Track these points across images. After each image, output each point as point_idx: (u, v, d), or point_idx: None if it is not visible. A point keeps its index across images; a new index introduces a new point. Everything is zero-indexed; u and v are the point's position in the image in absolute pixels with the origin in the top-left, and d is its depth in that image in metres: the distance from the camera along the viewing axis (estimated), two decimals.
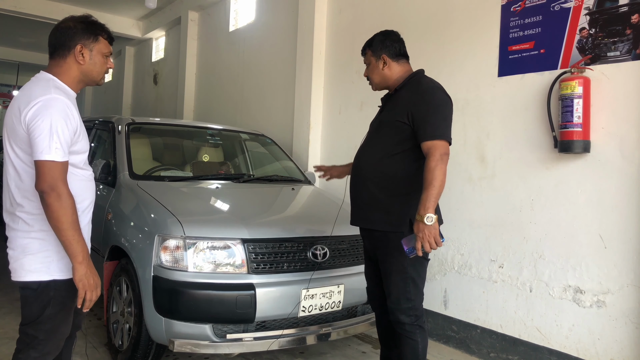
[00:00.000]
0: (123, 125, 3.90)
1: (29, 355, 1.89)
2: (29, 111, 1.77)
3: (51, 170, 1.75)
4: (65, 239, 1.77)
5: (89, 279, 1.82)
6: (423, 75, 2.51)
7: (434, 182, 2.16)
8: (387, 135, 2.42)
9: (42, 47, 12.31)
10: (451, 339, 3.73)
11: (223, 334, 2.71)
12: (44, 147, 1.74)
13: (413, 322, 2.38)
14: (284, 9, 5.88)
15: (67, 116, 1.82)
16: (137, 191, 3.29)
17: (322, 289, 2.93)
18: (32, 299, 1.89)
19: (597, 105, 2.95)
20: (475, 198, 3.60)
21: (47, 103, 1.78)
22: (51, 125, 1.76)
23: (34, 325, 1.89)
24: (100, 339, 3.46)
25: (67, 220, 1.76)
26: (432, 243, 2.14)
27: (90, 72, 1.98)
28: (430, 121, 2.27)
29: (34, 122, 1.76)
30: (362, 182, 2.48)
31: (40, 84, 1.87)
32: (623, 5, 2.89)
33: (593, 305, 2.96)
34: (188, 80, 7.91)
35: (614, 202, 2.90)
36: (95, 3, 8.76)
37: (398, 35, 2.60)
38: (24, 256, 1.87)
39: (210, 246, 2.75)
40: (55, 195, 1.74)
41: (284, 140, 5.34)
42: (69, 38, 1.93)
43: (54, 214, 1.74)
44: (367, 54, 2.59)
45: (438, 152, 2.20)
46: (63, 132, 1.79)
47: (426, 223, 2.12)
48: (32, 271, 1.87)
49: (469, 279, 3.62)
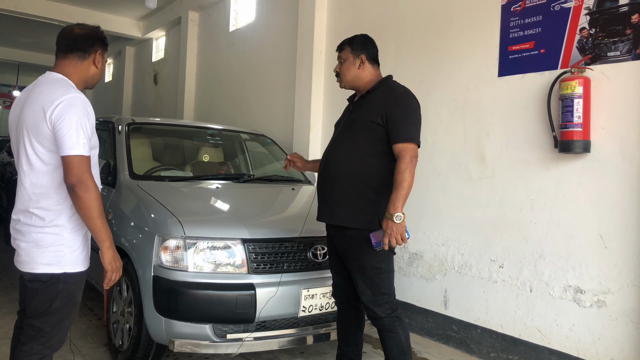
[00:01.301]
0: (123, 125, 3.90)
1: (33, 347, 1.96)
2: (54, 110, 1.88)
3: (80, 164, 1.88)
4: (95, 226, 1.93)
5: (116, 262, 2.02)
6: (393, 81, 2.63)
7: (403, 184, 2.31)
8: (360, 136, 2.51)
9: (42, 47, 12.43)
10: (451, 339, 3.73)
11: (223, 334, 2.71)
12: (72, 143, 1.87)
13: (390, 315, 2.46)
14: (284, 8, 5.88)
15: (88, 113, 1.95)
16: (137, 191, 3.29)
17: (322, 289, 2.93)
18: (40, 291, 1.96)
19: (597, 105, 2.95)
20: (475, 198, 3.60)
21: (71, 102, 1.91)
22: (77, 122, 1.89)
23: (40, 318, 1.96)
24: (101, 339, 3.46)
25: (96, 209, 1.91)
26: (398, 239, 2.31)
27: (97, 77, 2.15)
28: (402, 125, 2.41)
29: (61, 120, 1.88)
30: (333, 179, 2.55)
31: (58, 84, 1.98)
32: (623, 5, 2.88)
33: (593, 305, 2.96)
34: (188, 80, 7.91)
35: (614, 202, 2.90)
36: (96, 3, 8.77)
37: (375, 43, 2.72)
38: (36, 249, 1.95)
39: (210, 246, 2.75)
40: (84, 187, 1.88)
41: (284, 140, 5.34)
42: (90, 43, 2.08)
43: (85, 204, 1.89)
44: (345, 50, 2.66)
45: (408, 155, 2.35)
46: (86, 128, 1.92)
47: (395, 221, 2.28)
48: (44, 264, 1.95)
49: (469, 279, 3.62)
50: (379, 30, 4.44)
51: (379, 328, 2.49)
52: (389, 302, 2.48)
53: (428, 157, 3.94)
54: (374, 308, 2.46)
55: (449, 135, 3.81)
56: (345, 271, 2.63)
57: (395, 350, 2.46)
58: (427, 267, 3.92)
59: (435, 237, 3.87)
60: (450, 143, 3.80)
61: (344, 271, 2.63)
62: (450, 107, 3.82)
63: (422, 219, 3.96)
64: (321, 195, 2.64)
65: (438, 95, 3.91)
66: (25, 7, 8.42)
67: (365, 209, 2.46)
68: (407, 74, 4.13)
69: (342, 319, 2.77)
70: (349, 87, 2.68)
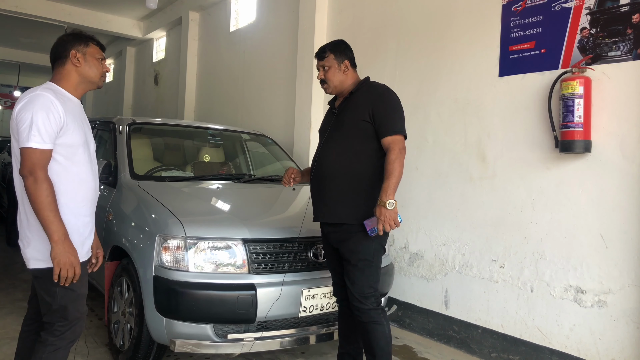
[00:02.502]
0: (124, 125, 3.90)
1: (47, 339, 2.06)
2: (17, 106, 2.00)
3: (30, 156, 1.93)
4: (41, 219, 1.93)
5: (63, 257, 1.95)
6: (372, 81, 2.75)
7: (394, 173, 2.45)
8: (351, 135, 2.61)
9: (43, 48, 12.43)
10: (452, 339, 3.73)
11: (224, 334, 2.71)
12: (24, 136, 1.94)
13: (376, 307, 2.58)
14: (284, 9, 5.88)
15: (48, 108, 1.98)
16: (138, 191, 3.29)
17: (323, 289, 2.93)
18: (40, 287, 2.07)
19: (598, 105, 2.95)
20: (476, 198, 3.60)
21: (32, 99, 1.99)
22: (32, 117, 1.94)
23: (46, 312, 2.07)
24: (102, 339, 3.46)
25: (42, 201, 1.91)
26: (392, 224, 2.44)
27: (87, 74, 2.18)
28: (389, 119, 2.55)
29: (18, 115, 1.97)
30: (328, 180, 2.64)
31: (38, 87, 2.07)
32: (624, 5, 2.88)
33: (594, 305, 2.96)
34: (189, 80, 7.91)
35: (615, 202, 2.90)
36: (96, 3, 8.77)
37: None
38: (28, 246, 2.05)
39: (211, 246, 2.75)
40: (33, 179, 1.92)
41: (284, 141, 5.34)
42: (64, 48, 2.15)
43: (31, 196, 1.92)
44: (328, 57, 2.73)
45: (397, 147, 2.50)
46: (43, 123, 1.95)
47: (387, 208, 2.41)
48: (34, 259, 2.04)
49: (470, 279, 3.62)
50: (380, 30, 4.44)
51: (365, 320, 2.56)
52: (375, 295, 2.59)
53: (429, 157, 3.94)
54: (363, 300, 2.55)
55: (449, 135, 3.81)
56: (341, 268, 2.68)
57: (382, 340, 2.55)
58: (428, 267, 3.92)
59: (436, 237, 3.87)
60: (451, 143, 3.80)
61: (341, 268, 2.69)
62: (451, 107, 3.82)
63: (422, 219, 3.96)
64: (317, 197, 2.72)
65: (439, 95, 3.91)
66: (26, 8, 8.42)
67: (361, 205, 2.56)
68: (407, 74, 4.13)
69: (343, 317, 2.81)
70: (335, 92, 2.77)
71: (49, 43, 2.33)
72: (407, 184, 3.92)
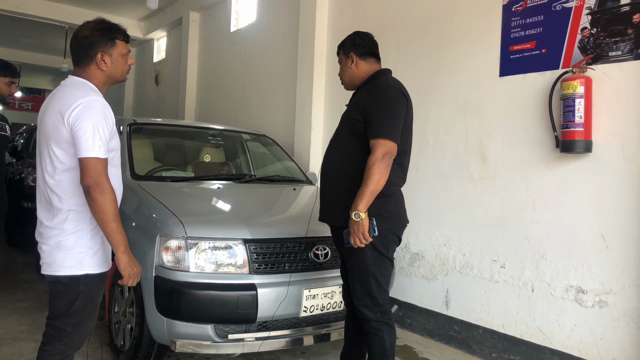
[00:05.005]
0: (125, 125, 3.90)
1: (55, 347, 2.00)
2: (72, 113, 1.89)
3: (96, 166, 1.88)
4: (110, 230, 1.91)
5: (132, 267, 1.99)
6: (384, 74, 2.53)
7: (368, 181, 2.22)
8: (344, 133, 2.50)
9: (44, 48, 12.45)
10: (453, 339, 3.72)
11: (225, 334, 2.72)
12: (88, 146, 1.87)
13: (379, 319, 2.43)
14: (285, 9, 5.88)
15: (105, 116, 1.95)
16: (138, 192, 3.30)
17: (323, 289, 2.93)
18: (61, 292, 1.99)
19: (598, 105, 2.95)
20: (476, 198, 3.60)
21: (88, 104, 1.92)
22: (93, 125, 1.89)
23: (61, 319, 1.99)
24: (102, 339, 3.47)
25: (110, 212, 1.89)
26: (360, 238, 2.23)
27: (114, 74, 2.11)
28: (376, 120, 2.33)
29: (78, 123, 1.88)
30: (325, 178, 2.56)
31: (77, 87, 2.00)
32: (624, 5, 2.88)
33: (595, 305, 2.96)
34: (189, 80, 7.92)
35: (615, 201, 2.89)
36: (97, 4, 8.78)
37: (370, 37, 2.65)
38: (58, 251, 1.97)
39: (211, 246, 2.75)
40: (100, 189, 1.87)
41: (285, 141, 5.34)
42: (88, 48, 2.03)
43: (100, 207, 1.88)
44: (339, 54, 2.66)
45: (379, 151, 2.26)
46: (104, 131, 1.92)
47: (354, 219, 2.22)
48: (65, 266, 1.97)
49: (470, 279, 3.62)
50: (380, 30, 4.44)
51: (366, 329, 2.47)
52: (378, 305, 2.43)
53: (429, 157, 3.94)
54: (362, 309, 2.44)
55: (450, 135, 3.81)
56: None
57: (378, 353, 2.44)
58: (429, 267, 3.92)
59: (437, 237, 3.87)
60: (452, 143, 3.80)
61: (346, 270, 2.63)
62: (451, 107, 3.82)
63: (423, 219, 3.96)
64: (320, 195, 2.64)
65: (439, 95, 3.91)
66: (27, 8, 8.44)
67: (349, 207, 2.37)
68: (408, 74, 4.13)
69: (349, 321, 2.76)
70: (349, 88, 2.68)
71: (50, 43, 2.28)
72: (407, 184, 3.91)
